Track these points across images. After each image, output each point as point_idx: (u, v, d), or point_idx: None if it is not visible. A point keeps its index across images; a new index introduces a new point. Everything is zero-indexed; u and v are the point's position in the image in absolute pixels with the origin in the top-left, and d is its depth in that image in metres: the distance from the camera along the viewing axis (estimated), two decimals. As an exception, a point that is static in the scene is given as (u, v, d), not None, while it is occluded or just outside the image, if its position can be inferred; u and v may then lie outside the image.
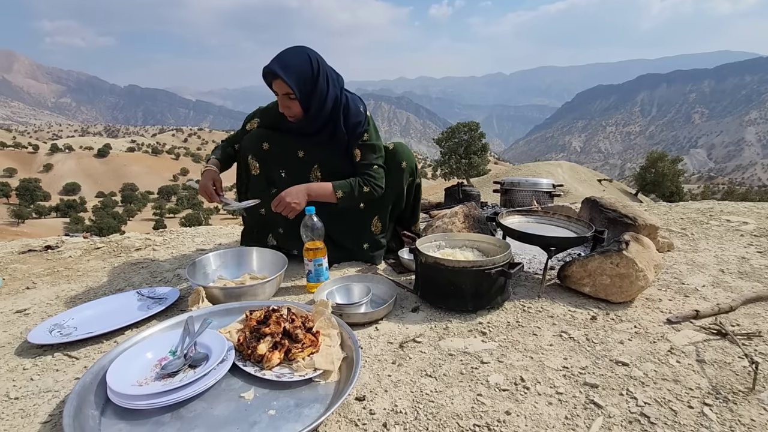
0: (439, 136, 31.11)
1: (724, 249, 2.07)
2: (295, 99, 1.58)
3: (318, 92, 1.60)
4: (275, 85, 1.57)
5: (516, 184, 2.72)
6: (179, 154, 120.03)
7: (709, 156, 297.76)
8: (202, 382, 0.99)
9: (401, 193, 1.92)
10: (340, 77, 1.70)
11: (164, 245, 2.43)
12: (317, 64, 1.58)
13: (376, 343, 1.27)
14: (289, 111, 1.63)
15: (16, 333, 1.39)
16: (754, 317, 1.38)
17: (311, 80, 1.58)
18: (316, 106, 1.62)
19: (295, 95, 1.56)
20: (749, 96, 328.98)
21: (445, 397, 1.02)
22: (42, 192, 64.58)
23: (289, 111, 1.63)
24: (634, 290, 1.45)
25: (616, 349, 1.21)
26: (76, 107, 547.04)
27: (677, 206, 3.12)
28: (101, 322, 1.39)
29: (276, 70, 1.51)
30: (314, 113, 1.64)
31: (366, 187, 1.73)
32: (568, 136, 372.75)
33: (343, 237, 1.88)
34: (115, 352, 1.10)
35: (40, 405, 1.03)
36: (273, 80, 1.56)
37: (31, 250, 2.41)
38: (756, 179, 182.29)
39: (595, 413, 0.96)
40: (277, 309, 1.20)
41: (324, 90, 1.61)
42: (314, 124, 1.68)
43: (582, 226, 1.74)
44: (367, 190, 1.73)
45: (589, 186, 20.97)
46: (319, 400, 0.99)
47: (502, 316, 1.42)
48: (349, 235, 1.89)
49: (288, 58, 1.54)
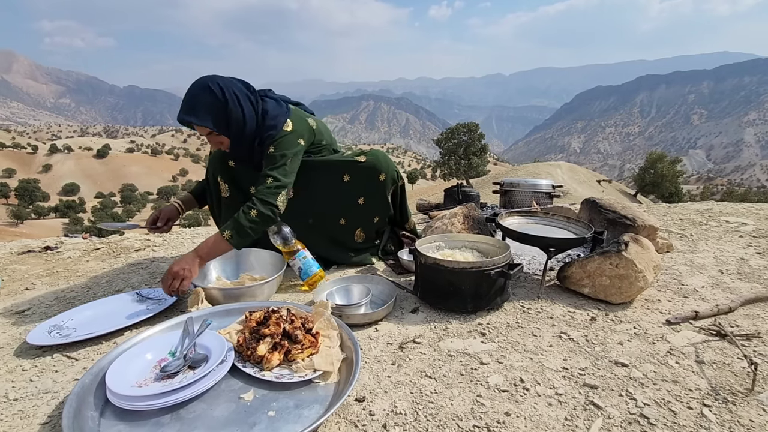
0: (438, 137, 31.15)
1: (723, 250, 2.07)
2: (219, 134, 1.55)
3: (234, 117, 1.54)
4: (197, 129, 1.54)
5: (515, 185, 2.72)
6: (178, 155, 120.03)
7: (708, 157, 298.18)
8: (201, 383, 0.99)
9: (386, 205, 1.88)
10: (250, 86, 1.62)
11: (163, 246, 2.43)
12: (221, 90, 1.51)
13: (376, 344, 1.27)
14: (221, 146, 1.61)
15: (15, 334, 1.39)
16: (753, 318, 1.38)
17: (223, 109, 1.51)
18: (237, 130, 1.56)
19: (215, 131, 1.53)
20: (748, 97, 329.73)
21: (445, 398, 1.02)
22: (41, 192, 64.54)
23: (222, 146, 1.60)
24: (633, 291, 1.46)
25: (616, 350, 1.21)
26: (76, 108, 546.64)
27: (676, 207, 3.12)
28: (101, 323, 1.38)
29: (187, 118, 1.48)
30: (238, 137, 1.58)
31: (253, 211, 1.48)
32: (567, 137, 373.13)
33: (327, 250, 1.85)
34: (115, 353, 1.10)
35: (39, 406, 1.03)
36: (191, 126, 1.53)
37: (30, 251, 2.41)
38: (755, 180, 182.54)
39: (595, 414, 0.96)
40: (276, 310, 1.20)
41: (238, 111, 1.54)
42: (244, 146, 1.61)
43: (581, 227, 1.74)
44: (256, 214, 1.48)
45: (589, 187, 20.99)
46: (318, 401, 0.99)
47: (502, 317, 1.42)
48: (332, 247, 1.87)
49: (193, 99, 1.48)
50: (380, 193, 1.83)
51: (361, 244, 1.92)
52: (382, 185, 1.82)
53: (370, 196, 1.82)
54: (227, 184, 1.72)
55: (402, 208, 2.01)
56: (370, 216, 1.87)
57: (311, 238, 1.76)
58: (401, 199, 1.99)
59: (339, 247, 1.89)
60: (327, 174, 1.78)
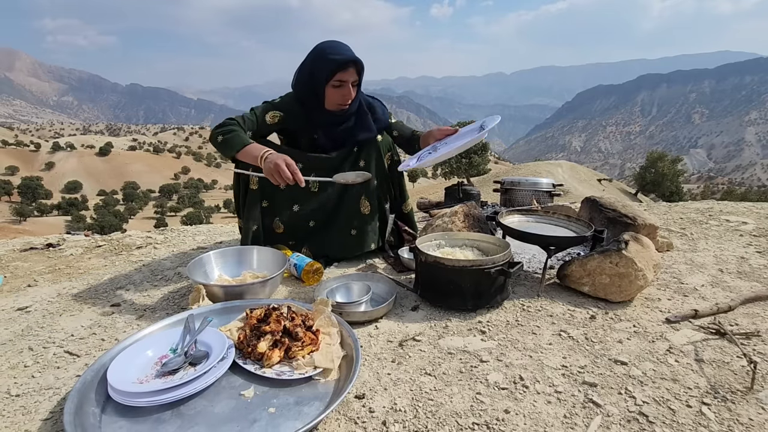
0: (439, 136, 31.00)
1: (723, 249, 2.07)
2: (357, 85, 1.76)
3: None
4: (347, 74, 1.69)
5: (516, 183, 2.72)
6: (180, 153, 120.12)
7: (709, 156, 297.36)
8: (202, 380, 0.99)
9: (383, 166, 1.91)
10: None
11: (165, 243, 2.44)
12: None
13: (376, 341, 1.27)
14: (349, 97, 1.75)
15: (18, 330, 1.40)
16: (753, 317, 1.38)
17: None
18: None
19: (358, 82, 1.75)
20: (749, 96, 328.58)
21: (445, 396, 1.02)
22: (44, 190, 64.68)
23: (349, 97, 1.75)
24: (633, 290, 1.46)
25: (615, 348, 1.21)
26: (78, 106, 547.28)
27: (677, 206, 3.12)
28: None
29: (358, 59, 1.69)
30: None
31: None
32: (568, 136, 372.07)
33: (331, 223, 1.90)
34: (116, 350, 1.10)
35: (41, 402, 1.03)
36: (346, 69, 1.67)
37: (32, 248, 2.41)
38: (755, 179, 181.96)
39: (594, 412, 0.96)
40: (277, 307, 1.20)
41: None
42: (355, 106, 1.84)
43: (581, 225, 1.74)
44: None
45: (589, 186, 20.95)
46: (318, 398, 0.99)
47: (502, 315, 1.42)
48: (337, 218, 1.90)
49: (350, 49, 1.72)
50: (377, 152, 1.89)
51: (365, 218, 1.91)
52: (377, 145, 1.90)
53: (370, 162, 1.88)
54: (259, 178, 1.76)
55: (401, 186, 2.04)
56: (370, 181, 1.89)
57: (319, 213, 1.87)
58: (400, 176, 2.01)
59: (344, 219, 1.89)
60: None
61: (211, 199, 71.38)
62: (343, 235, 1.91)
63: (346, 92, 1.72)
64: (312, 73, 1.72)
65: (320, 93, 1.74)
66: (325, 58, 1.68)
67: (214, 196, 75.19)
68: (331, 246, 1.91)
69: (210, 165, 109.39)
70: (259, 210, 1.83)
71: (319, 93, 1.74)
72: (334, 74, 1.67)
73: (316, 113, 1.79)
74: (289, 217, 1.88)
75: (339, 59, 1.66)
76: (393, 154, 1.96)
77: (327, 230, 1.92)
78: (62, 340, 1.32)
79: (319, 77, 1.70)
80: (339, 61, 1.66)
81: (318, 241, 1.92)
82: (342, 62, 1.66)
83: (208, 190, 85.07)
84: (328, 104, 1.77)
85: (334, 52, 1.67)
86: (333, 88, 1.72)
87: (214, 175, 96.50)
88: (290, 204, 1.87)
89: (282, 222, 1.89)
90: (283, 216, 1.88)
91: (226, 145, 1.61)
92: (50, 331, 1.38)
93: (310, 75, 1.73)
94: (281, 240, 1.91)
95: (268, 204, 1.85)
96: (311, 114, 1.80)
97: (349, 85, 1.72)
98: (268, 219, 1.87)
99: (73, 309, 1.55)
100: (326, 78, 1.69)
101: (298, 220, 1.89)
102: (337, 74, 1.68)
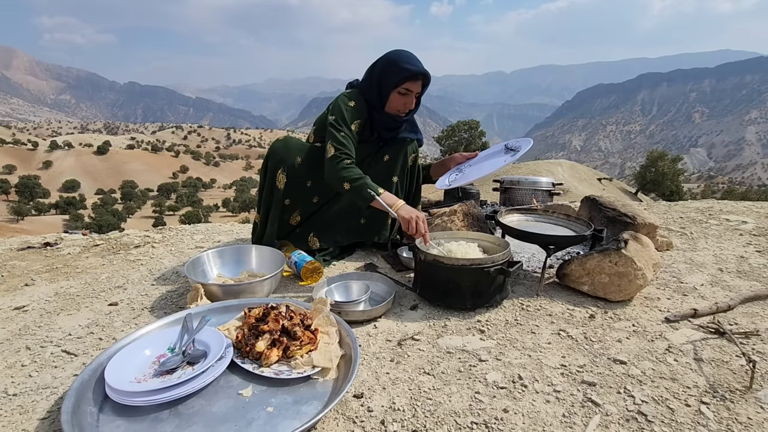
0: (439, 135, 31.08)
1: (722, 248, 2.07)
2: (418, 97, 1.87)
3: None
4: (415, 85, 1.78)
5: (515, 182, 2.71)
6: (179, 152, 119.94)
7: (709, 155, 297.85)
8: (200, 379, 0.99)
9: (405, 165, 1.94)
10: None
11: (163, 242, 2.43)
12: None
13: (375, 340, 1.27)
14: (410, 106, 1.85)
15: (15, 330, 1.39)
16: (752, 316, 1.38)
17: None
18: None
19: (420, 94, 1.86)
20: (750, 95, 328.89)
21: (443, 395, 1.02)
22: (41, 189, 64.61)
23: (410, 106, 1.86)
24: (632, 289, 1.46)
25: (614, 348, 1.21)
26: (76, 104, 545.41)
27: (676, 205, 3.12)
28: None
29: (428, 73, 1.78)
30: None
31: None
32: (568, 135, 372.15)
33: (343, 210, 1.91)
34: (114, 349, 1.10)
35: (38, 401, 1.03)
36: (416, 79, 1.77)
37: (30, 247, 2.41)
38: (756, 179, 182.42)
39: (593, 411, 0.96)
40: (275, 306, 1.20)
41: None
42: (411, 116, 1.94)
43: (581, 224, 1.74)
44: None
45: (589, 185, 20.97)
46: (317, 397, 0.99)
47: (501, 314, 1.42)
48: (351, 207, 1.90)
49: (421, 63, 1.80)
50: (403, 150, 1.93)
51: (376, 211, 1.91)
52: (405, 145, 1.94)
53: (393, 154, 1.92)
54: (287, 178, 1.82)
55: (419, 187, 2.08)
56: (390, 173, 1.91)
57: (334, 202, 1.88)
58: (418, 177, 2.05)
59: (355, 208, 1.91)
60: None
61: (209, 198, 71.33)
62: (354, 221, 1.94)
63: (408, 101, 1.82)
64: (381, 77, 1.79)
65: (385, 96, 1.81)
66: (399, 65, 1.76)
67: (212, 195, 75.14)
68: (341, 231, 1.94)
69: (209, 164, 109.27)
70: (281, 208, 1.87)
71: (384, 95, 1.81)
72: (404, 82, 1.76)
73: (377, 114, 1.86)
74: (306, 208, 1.92)
75: (412, 69, 1.75)
76: (416, 156, 2.01)
77: (338, 218, 1.94)
78: (60, 340, 1.31)
79: (388, 81, 1.78)
80: (412, 71, 1.75)
81: (327, 227, 1.93)
82: (414, 72, 1.75)
83: (206, 189, 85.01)
84: (388, 107, 1.84)
85: (409, 62, 1.76)
86: (398, 95, 1.80)
87: (213, 174, 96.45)
88: (311, 198, 1.90)
89: (300, 213, 1.93)
90: (302, 208, 1.92)
91: (355, 195, 1.65)
92: (47, 331, 1.38)
93: (378, 78, 1.80)
94: (292, 229, 1.93)
95: (290, 202, 1.88)
96: (371, 112, 1.86)
97: (413, 95, 1.82)
98: (287, 215, 1.91)
99: (71, 308, 1.55)
100: (395, 83, 1.77)
101: (313, 208, 1.93)
102: (406, 82, 1.76)
